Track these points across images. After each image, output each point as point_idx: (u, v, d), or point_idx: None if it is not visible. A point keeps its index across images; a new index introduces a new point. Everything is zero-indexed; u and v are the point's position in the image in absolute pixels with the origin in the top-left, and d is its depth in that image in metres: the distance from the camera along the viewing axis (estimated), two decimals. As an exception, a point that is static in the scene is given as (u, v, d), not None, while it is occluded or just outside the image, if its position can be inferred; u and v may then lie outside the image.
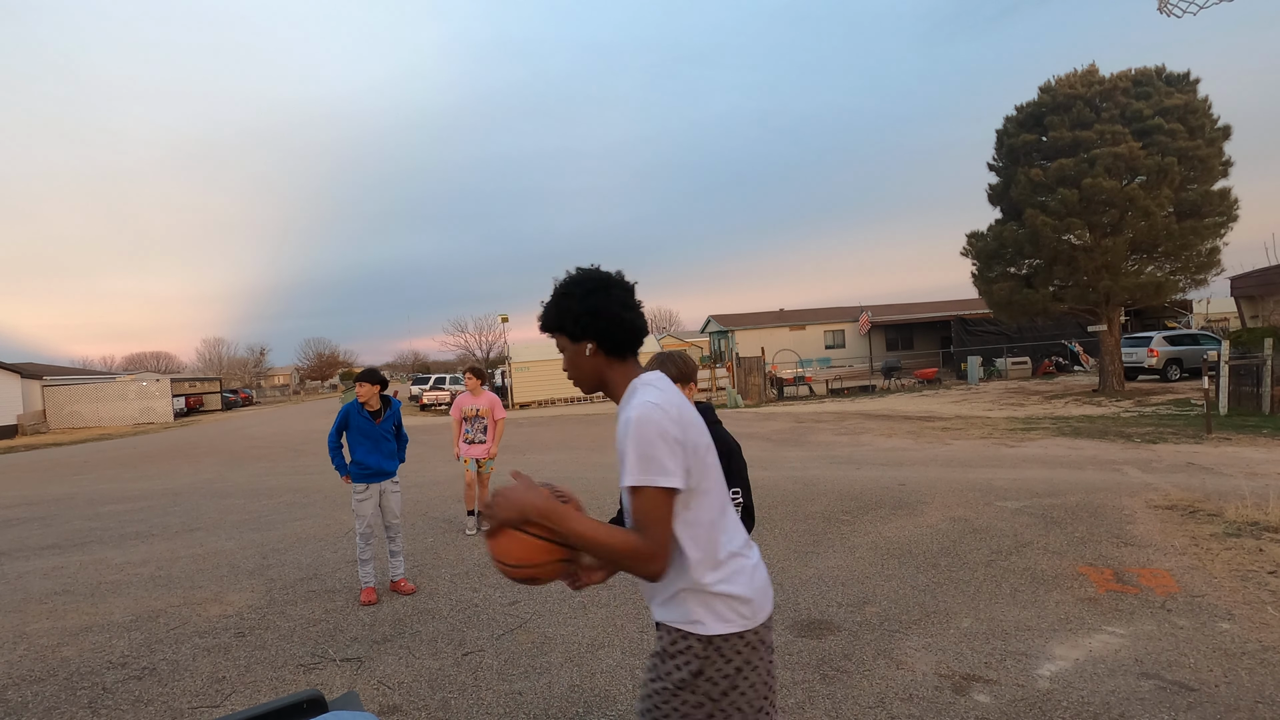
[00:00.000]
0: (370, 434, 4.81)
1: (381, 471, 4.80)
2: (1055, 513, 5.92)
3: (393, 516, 4.87)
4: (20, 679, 3.73)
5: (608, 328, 1.56)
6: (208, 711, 3.26)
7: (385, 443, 4.85)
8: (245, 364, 73.41)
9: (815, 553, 5.22)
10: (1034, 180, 17.22)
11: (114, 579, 5.62)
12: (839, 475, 8.30)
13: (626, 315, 1.58)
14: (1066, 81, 17.82)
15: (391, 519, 4.87)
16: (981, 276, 19.52)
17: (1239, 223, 16.49)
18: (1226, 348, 12.93)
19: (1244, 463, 8.00)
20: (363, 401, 4.84)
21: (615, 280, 1.62)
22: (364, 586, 4.70)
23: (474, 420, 6.38)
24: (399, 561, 4.90)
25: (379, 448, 4.81)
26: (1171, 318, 26.75)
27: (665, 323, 66.35)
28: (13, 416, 31.59)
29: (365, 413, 4.85)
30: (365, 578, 4.70)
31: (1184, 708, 2.82)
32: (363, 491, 4.77)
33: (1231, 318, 24.86)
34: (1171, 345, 19.99)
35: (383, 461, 4.82)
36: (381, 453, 4.82)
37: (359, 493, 4.78)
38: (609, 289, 1.58)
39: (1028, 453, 9.51)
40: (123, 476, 13.19)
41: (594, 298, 1.56)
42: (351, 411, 4.86)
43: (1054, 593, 4.15)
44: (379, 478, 4.79)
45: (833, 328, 34.70)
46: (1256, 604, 3.82)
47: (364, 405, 4.85)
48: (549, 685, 3.32)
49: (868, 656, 3.44)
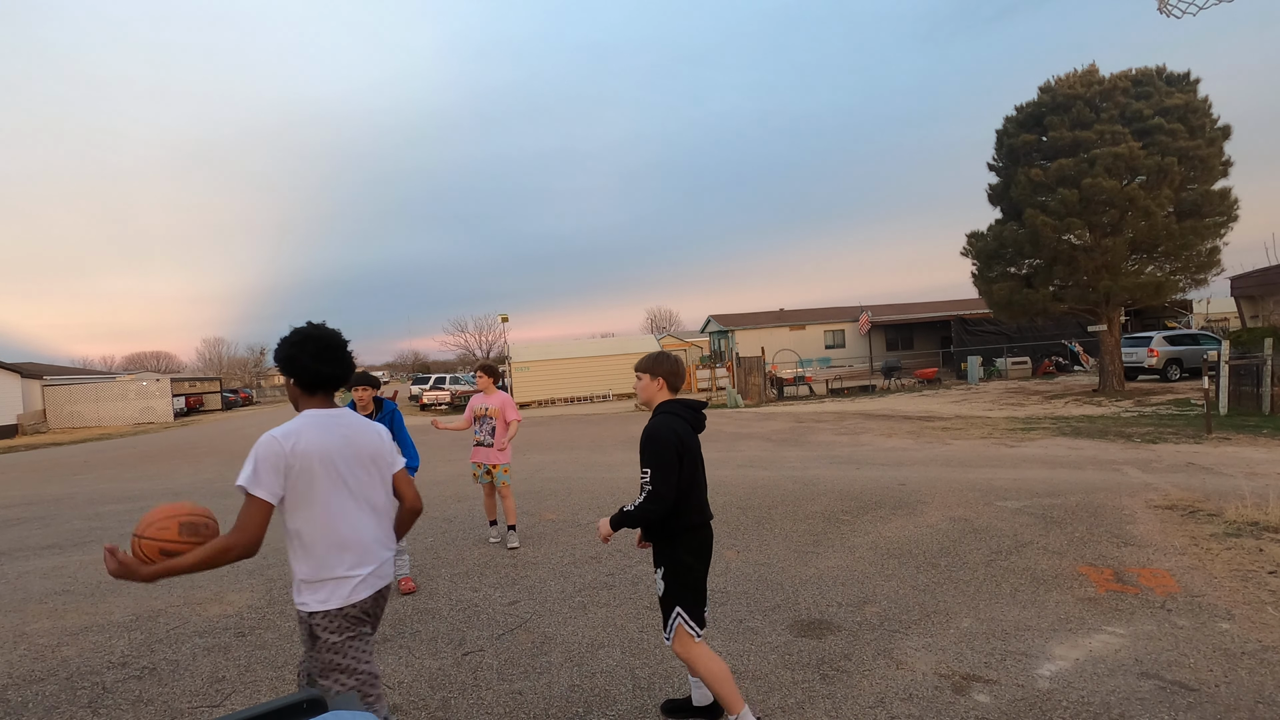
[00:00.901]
0: None
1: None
2: (1055, 513, 5.92)
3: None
4: (20, 679, 3.73)
5: (299, 372, 2.22)
6: (208, 711, 3.26)
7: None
8: (245, 364, 73.40)
9: (815, 553, 5.22)
10: (1034, 180, 17.22)
11: (114, 579, 5.61)
12: (839, 475, 8.30)
13: (314, 365, 2.20)
14: (1066, 82, 17.81)
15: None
16: (981, 276, 19.51)
17: (1239, 223, 16.49)
18: (1226, 348, 12.92)
19: (1244, 463, 8.00)
20: (360, 406, 4.80)
21: (314, 337, 2.22)
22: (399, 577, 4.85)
23: (484, 420, 6.04)
24: (403, 561, 4.95)
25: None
26: (1171, 318, 26.75)
27: (665, 322, 66.40)
28: (13, 416, 31.59)
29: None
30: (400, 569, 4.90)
31: (1184, 708, 2.82)
32: None
33: (1231, 318, 24.87)
34: (1171, 345, 19.98)
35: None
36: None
37: None
38: (304, 344, 2.20)
39: (1028, 453, 9.51)
40: (123, 476, 13.19)
41: (291, 349, 2.20)
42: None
43: (1054, 593, 4.15)
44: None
45: (833, 328, 34.69)
46: (1256, 604, 3.82)
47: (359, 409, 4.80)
48: (549, 685, 3.32)
49: (868, 656, 3.44)
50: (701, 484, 2.79)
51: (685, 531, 2.70)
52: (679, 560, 2.69)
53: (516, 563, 5.41)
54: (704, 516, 2.77)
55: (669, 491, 2.60)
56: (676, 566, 2.69)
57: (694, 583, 2.69)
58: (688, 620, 2.65)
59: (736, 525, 6.14)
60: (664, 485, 2.60)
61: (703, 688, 2.87)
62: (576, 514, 6.98)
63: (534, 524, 6.65)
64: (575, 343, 34.02)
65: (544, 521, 6.73)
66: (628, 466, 10.19)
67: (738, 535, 5.82)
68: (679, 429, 2.70)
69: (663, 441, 2.63)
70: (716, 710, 2.88)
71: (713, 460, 10.28)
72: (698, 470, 2.76)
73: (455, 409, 30.74)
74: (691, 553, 2.70)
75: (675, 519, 2.67)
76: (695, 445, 2.77)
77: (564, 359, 30.29)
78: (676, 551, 2.69)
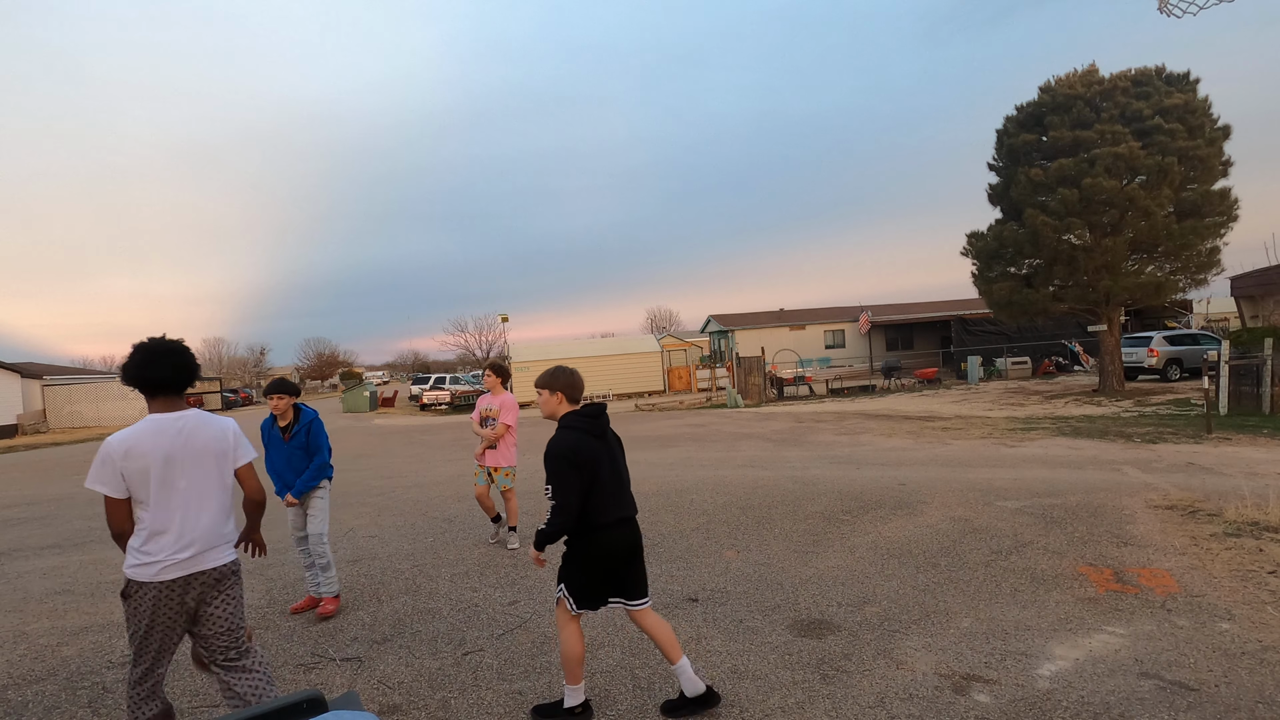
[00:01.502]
0: (280, 448, 4.50)
1: (286, 486, 4.52)
2: (1055, 513, 5.92)
3: (313, 528, 4.51)
4: (20, 679, 3.73)
5: (130, 381, 2.58)
6: (208, 711, 3.26)
7: (297, 456, 4.49)
8: (245, 364, 73.37)
9: (815, 553, 5.22)
10: (1034, 180, 17.22)
11: (114, 579, 5.61)
12: (839, 475, 8.30)
13: (139, 372, 2.55)
14: (1066, 81, 17.81)
15: (312, 530, 4.51)
16: (981, 276, 19.51)
17: (1239, 223, 16.49)
18: (1226, 348, 12.92)
19: (1244, 463, 8.00)
20: (276, 415, 4.50)
21: (141, 347, 2.58)
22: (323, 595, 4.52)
23: (488, 423, 5.97)
24: (318, 576, 4.52)
25: (290, 464, 4.49)
26: (1171, 318, 26.74)
27: (665, 322, 66.37)
28: (13, 416, 31.58)
29: (276, 427, 4.53)
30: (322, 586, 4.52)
31: (1184, 708, 2.82)
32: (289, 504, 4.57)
33: (1231, 318, 24.87)
34: (1171, 345, 19.98)
35: (291, 476, 4.50)
36: (292, 468, 4.49)
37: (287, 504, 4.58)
38: (133, 355, 2.57)
39: (1028, 453, 9.51)
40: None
41: (128, 361, 2.58)
42: (264, 426, 4.60)
43: (1054, 593, 4.15)
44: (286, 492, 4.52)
45: (833, 328, 34.67)
46: (1256, 604, 3.82)
47: (277, 419, 4.51)
48: (549, 685, 3.32)
49: (868, 656, 3.44)
50: (608, 486, 2.98)
51: (590, 530, 2.95)
52: (577, 552, 2.98)
53: (516, 563, 5.41)
54: (612, 516, 2.97)
55: (569, 502, 2.87)
56: (574, 554, 2.99)
57: (589, 572, 2.96)
58: (568, 597, 2.98)
59: (736, 525, 6.14)
60: (564, 497, 2.88)
61: (688, 674, 2.98)
62: (576, 514, 6.97)
63: (534, 524, 6.65)
64: (575, 343, 34.04)
65: (544, 522, 6.73)
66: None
67: (738, 535, 5.82)
68: (575, 440, 2.93)
69: (558, 457, 2.90)
70: (712, 698, 3.00)
71: (713, 460, 10.28)
72: (600, 474, 2.95)
73: (455, 409, 30.73)
74: (595, 547, 2.95)
75: (580, 521, 2.94)
76: (599, 450, 2.97)
77: (564, 359, 30.27)
78: (580, 545, 2.98)
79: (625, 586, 3.02)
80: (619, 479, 3.04)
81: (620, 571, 3.00)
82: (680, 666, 2.97)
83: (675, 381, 31.69)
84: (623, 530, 3.01)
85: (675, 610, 4.20)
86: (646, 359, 31.13)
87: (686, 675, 2.97)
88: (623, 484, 3.07)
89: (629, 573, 3.02)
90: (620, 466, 3.10)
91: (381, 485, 9.74)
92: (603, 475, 2.95)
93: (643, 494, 7.76)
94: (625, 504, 3.04)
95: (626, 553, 3.01)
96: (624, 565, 3.01)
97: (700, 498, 7.35)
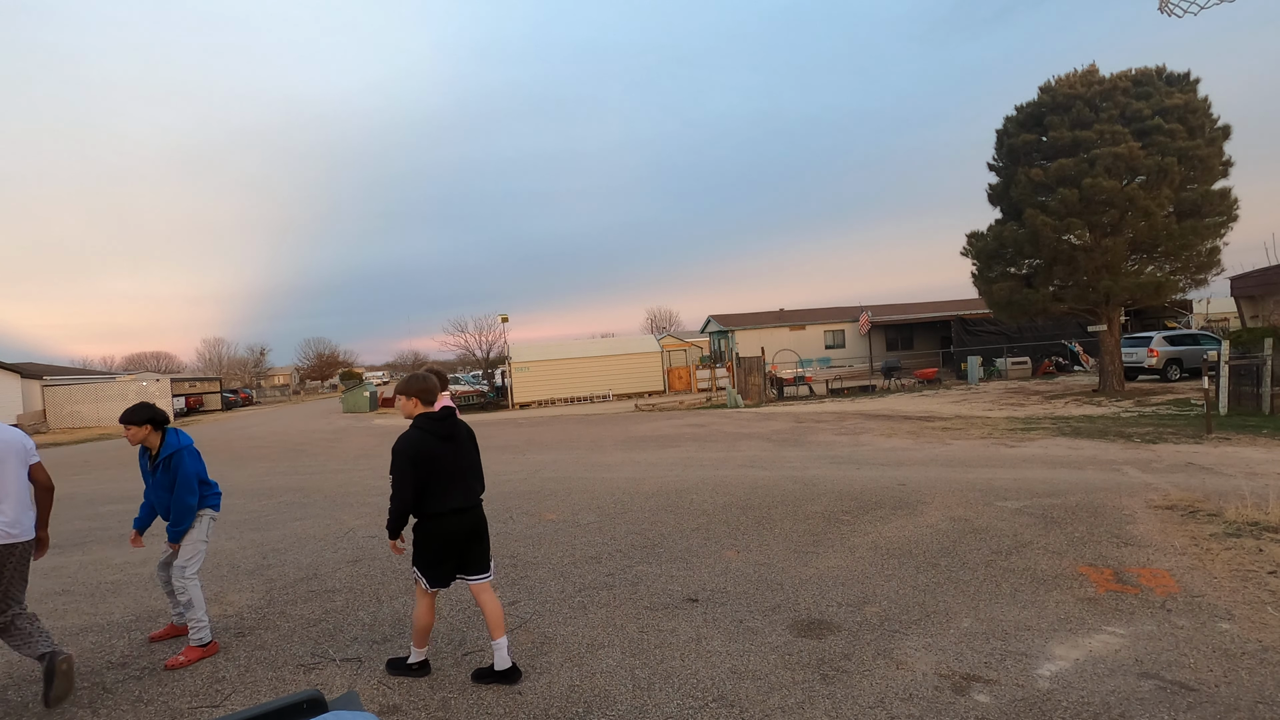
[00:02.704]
0: (149, 480, 4.10)
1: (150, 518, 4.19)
2: (1055, 513, 5.92)
3: (179, 559, 4.00)
4: (20, 679, 3.73)
5: None
6: (208, 711, 3.26)
7: (160, 493, 4.03)
8: (245, 364, 73.34)
9: (815, 553, 5.22)
10: (1034, 180, 17.22)
11: (114, 579, 5.61)
12: (839, 475, 8.30)
13: None
14: (1066, 81, 17.80)
15: (177, 561, 4.02)
16: (981, 276, 19.50)
17: (1239, 223, 16.47)
18: (1226, 348, 12.92)
19: (1244, 463, 8.00)
20: (133, 444, 4.07)
21: None
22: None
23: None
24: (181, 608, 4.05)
25: (160, 500, 4.05)
26: (1171, 318, 26.74)
27: (665, 322, 66.33)
28: (13, 416, 31.57)
29: (145, 456, 4.12)
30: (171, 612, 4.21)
31: (1184, 708, 2.82)
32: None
33: (1231, 318, 24.87)
34: (1171, 345, 19.98)
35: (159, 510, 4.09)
36: (163, 505, 4.05)
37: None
38: None
39: (1028, 453, 9.51)
40: (123, 476, 13.19)
41: None
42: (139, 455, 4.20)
43: (1054, 593, 4.15)
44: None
45: (833, 328, 34.67)
46: (1256, 604, 3.82)
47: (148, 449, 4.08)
48: (549, 685, 3.32)
49: (868, 656, 3.44)
50: (447, 480, 3.36)
51: (431, 518, 3.36)
52: (421, 536, 3.40)
53: (516, 563, 5.41)
54: (449, 506, 3.36)
55: (402, 494, 3.29)
56: (419, 538, 3.41)
57: (430, 552, 3.38)
58: (422, 578, 3.40)
59: (736, 525, 6.14)
60: (398, 490, 3.30)
61: (503, 653, 3.38)
62: (576, 514, 6.98)
63: (534, 524, 6.65)
64: (575, 343, 34.01)
65: (544, 522, 6.73)
66: (628, 466, 10.20)
67: (738, 535, 5.82)
68: (417, 439, 3.30)
69: (398, 454, 3.30)
70: (514, 674, 3.39)
71: (713, 460, 10.28)
72: (438, 469, 3.33)
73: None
74: (436, 531, 3.36)
75: (419, 509, 3.35)
76: (439, 449, 3.35)
77: (564, 359, 30.28)
78: (424, 530, 3.39)
79: (466, 564, 3.46)
80: (460, 473, 3.42)
81: (461, 552, 3.43)
82: (498, 644, 3.39)
83: (675, 381, 31.69)
84: (460, 518, 3.40)
85: (675, 610, 4.20)
86: (646, 359, 31.12)
87: (501, 653, 3.39)
88: (464, 477, 3.44)
89: (469, 552, 3.45)
90: (465, 462, 3.46)
91: (382, 485, 9.74)
92: (441, 470, 3.34)
93: (643, 494, 7.76)
94: (465, 494, 3.43)
95: (464, 537, 3.42)
96: (464, 546, 3.43)
97: (700, 498, 7.35)
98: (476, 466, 3.59)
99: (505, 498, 8.03)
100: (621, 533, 6.12)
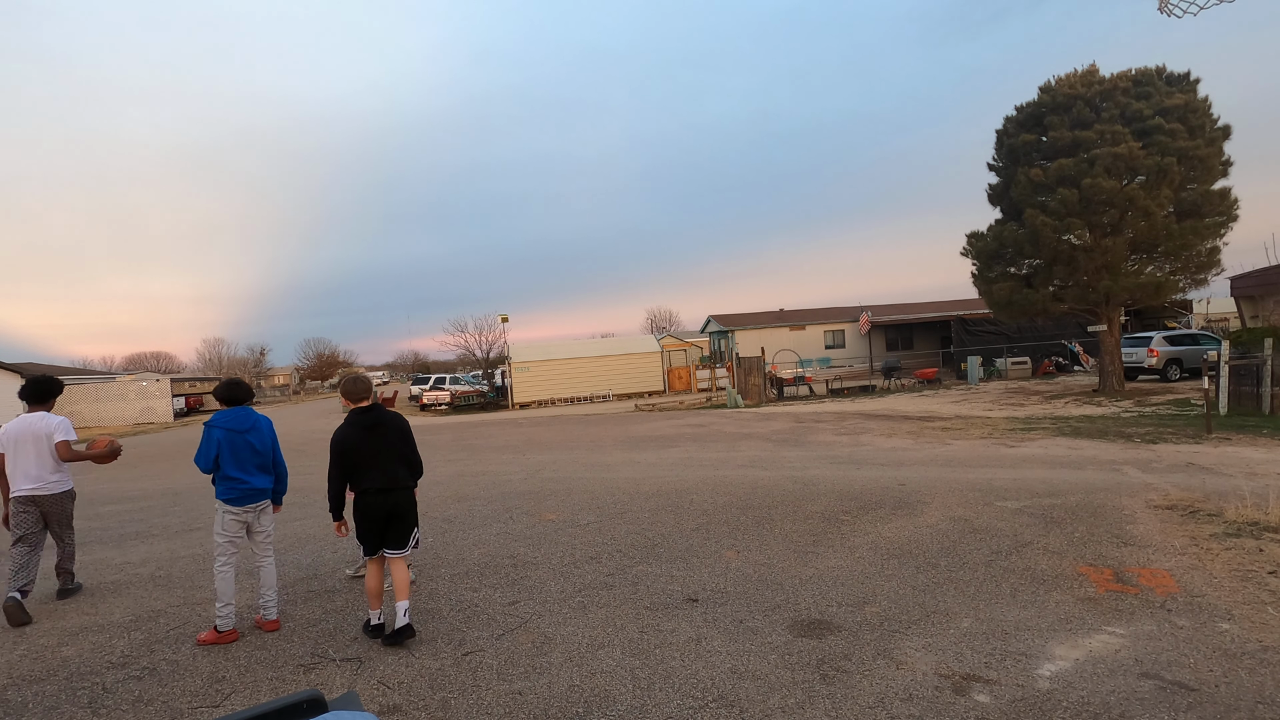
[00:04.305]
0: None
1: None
2: (1055, 513, 5.92)
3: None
4: (20, 679, 3.73)
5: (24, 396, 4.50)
6: (208, 711, 3.26)
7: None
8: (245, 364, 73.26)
9: (815, 553, 5.22)
10: (1034, 180, 17.21)
11: (114, 579, 5.61)
12: (839, 475, 8.30)
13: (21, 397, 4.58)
14: (1066, 82, 17.80)
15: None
16: (981, 276, 19.51)
17: (1239, 223, 16.48)
18: (1226, 348, 12.92)
19: (1244, 463, 8.00)
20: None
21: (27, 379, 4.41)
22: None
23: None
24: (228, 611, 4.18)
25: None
26: (1171, 318, 26.74)
27: (665, 322, 66.30)
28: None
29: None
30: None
31: (1184, 708, 2.82)
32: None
33: (1231, 318, 24.86)
34: (1171, 345, 19.98)
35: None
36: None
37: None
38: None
39: (1028, 453, 9.51)
40: (123, 476, 13.19)
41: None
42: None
43: (1054, 593, 4.15)
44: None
45: (833, 328, 34.68)
46: (1256, 604, 3.82)
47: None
48: (549, 685, 3.32)
49: (868, 656, 3.44)
50: (368, 464, 3.92)
51: (357, 495, 3.95)
52: (353, 511, 3.98)
53: (516, 563, 5.41)
54: (369, 486, 3.90)
55: (332, 475, 3.97)
56: (354, 514, 3.98)
57: (359, 525, 3.96)
58: (360, 545, 4.01)
59: (736, 525, 6.14)
60: (329, 473, 3.98)
61: (401, 612, 3.84)
62: (576, 514, 6.97)
63: (534, 524, 6.65)
64: (575, 343, 34.02)
65: (544, 522, 6.73)
66: (628, 467, 10.19)
67: (738, 535, 5.82)
68: (343, 432, 3.95)
69: (331, 443, 3.97)
70: (408, 631, 3.84)
71: (713, 460, 10.28)
72: (360, 455, 3.92)
73: (455, 409, 30.72)
74: (359, 506, 3.94)
75: (352, 488, 3.97)
76: (361, 439, 3.94)
77: (564, 359, 30.29)
78: (355, 505, 3.97)
79: (387, 539, 3.97)
80: (378, 457, 3.94)
81: (382, 528, 3.95)
82: (400, 605, 3.86)
83: (675, 381, 31.69)
84: (378, 497, 3.91)
85: (675, 610, 4.20)
86: (646, 359, 31.12)
87: (399, 614, 3.84)
88: (383, 462, 3.94)
89: (389, 529, 3.96)
90: (388, 450, 3.97)
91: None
92: (362, 456, 3.92)
93: (643, 494, 7.76)
94: (384, 478, 3.93)
95: (383, 513, 3.93)
96: (384, 522, 3.94)
97: (700, 498, 7.35)
98: (404, 454, 4.04)
99: (505, 498, 8.03)
100: (621, 533, 6.12)
